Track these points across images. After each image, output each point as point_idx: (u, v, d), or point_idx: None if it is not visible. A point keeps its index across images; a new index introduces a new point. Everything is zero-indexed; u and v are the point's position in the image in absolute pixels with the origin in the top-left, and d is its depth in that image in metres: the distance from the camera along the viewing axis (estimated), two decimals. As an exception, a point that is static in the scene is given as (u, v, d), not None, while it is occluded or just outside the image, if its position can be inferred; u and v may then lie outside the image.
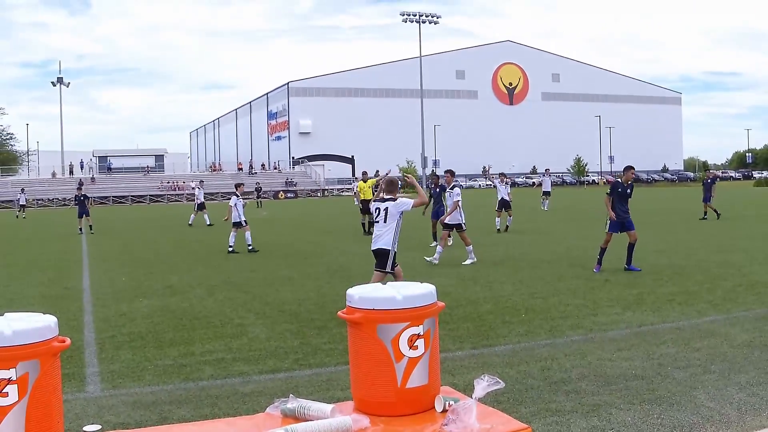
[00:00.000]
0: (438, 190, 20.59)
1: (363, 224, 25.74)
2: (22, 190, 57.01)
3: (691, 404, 5.97)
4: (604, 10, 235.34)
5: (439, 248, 16.50)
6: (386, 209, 10.10)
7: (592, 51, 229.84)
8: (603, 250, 14.36)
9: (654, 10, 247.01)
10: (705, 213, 28.60)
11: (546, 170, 40.61)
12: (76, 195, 32.60)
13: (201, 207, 34.21)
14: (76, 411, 6.28)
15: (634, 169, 14.85)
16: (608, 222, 14.42)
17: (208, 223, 32.87)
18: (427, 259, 16.40)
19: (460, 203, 16.32)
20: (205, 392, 6.76)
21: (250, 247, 20.00)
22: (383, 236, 10.20)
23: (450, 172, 17.73)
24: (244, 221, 20.36)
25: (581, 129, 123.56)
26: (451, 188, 16.82)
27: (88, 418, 6.07)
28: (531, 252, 17.83)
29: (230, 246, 19.98)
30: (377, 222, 10.29)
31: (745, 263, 14.51)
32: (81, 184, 34.31)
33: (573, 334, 8.73)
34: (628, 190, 14.46)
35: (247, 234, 20.24)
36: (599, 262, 14.27)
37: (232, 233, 20.32)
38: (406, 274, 14.43)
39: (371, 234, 23.15)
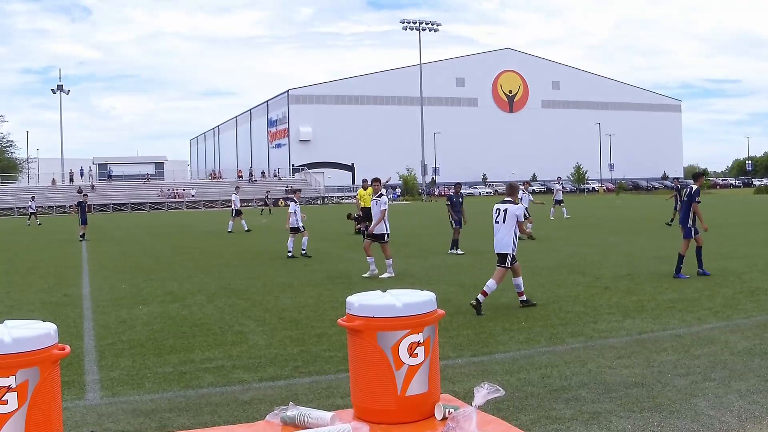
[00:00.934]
0: (458, 198, 20.85)
1: (363, 232, 25.58)
2: (33, 197, 56.70)
3: (691, 412, 5.96)
4: (604, 17, 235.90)
5: (370, 259, 15.65)
6: (506, 210, 11.02)
7: (592, 59, 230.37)
8: (682, 257, 14.22)
9: (654, 18, 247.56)
10: (672, 219, 29.67)
11: (558, 178, 39.92)
12: (79, 201, 32.28)
13: (238, 213, 34.14)
14: (76, 419, 6.28)
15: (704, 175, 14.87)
16: (692, 228, 14.16)
17: (246, 228, 32.91)
18: (366, 275, 15.49)
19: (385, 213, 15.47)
20: (204, 400, 6.76)
21: (304, 252, 20.42)
22: (503, 238, 11.04)
23: (377, 180, 16.46)
24: (302, 227, 20.80)
25: (581, 136, 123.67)
26: (378, 196, 15.78)
27: (87, 426, 6.07)
28: (531, 259, 17.81)
29: (289, 251, 20.33)
30: (497, 222, 11.13)
31: (745, 270, 14.51)
32: (81, 191, 34.44)
33: (573, 342, 8.72)
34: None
35: (305, 239, 20.71)
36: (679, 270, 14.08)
37: (290, 238, 20.68)
38: (404, 282, 14.45)
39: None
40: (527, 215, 25.25)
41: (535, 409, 6.15)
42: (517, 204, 11.22)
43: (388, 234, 15.54)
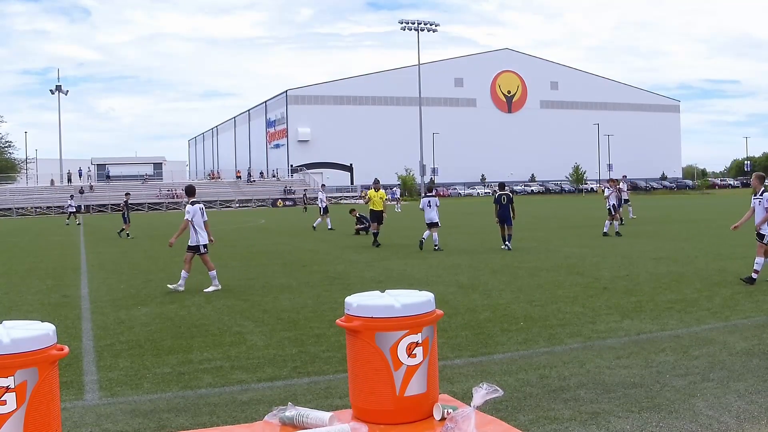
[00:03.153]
0: (501, 195, 21.45)
1: (374, 234, 23.78)
2: (72, 196, 56.32)
3: (689, 412, 5.97)
4: (603, 19, 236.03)
5: (184, 273, 14.30)
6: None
7: (592, 60, 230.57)
8: None
9: (653, 20, 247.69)
10: (621, 219, 30.36)
11: (623, 176, 38.17)
12: (125, 201, 34.47)
13: (325, 211, 34.08)
14: (75, 419, 6.28)
15: None
16: None
17: (330, 227, 32.83)
18: (170, 286, 14.33)
19: (193, 223, 14.21)
20: (203, 400, 6.76)
21: (436, 246, 21.22)
22: (759, 219, 13.03)
23: (189, 188, 15.11)
24: (437, 222, 21.63)
25: (579, 137, 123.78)
26: (191, 204, 14.39)
27: (86, 426, 6.07)
28: (529, 260, 17.83)
29: (435, 244, 21.33)
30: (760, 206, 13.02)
31: (744, 271, 14.51)
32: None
33: (571, 342, 8.73)
34: None
35: (435, 235, 21.46)
36: None
37: (434, 233, 21.59)
38: (403, 282, 14.45)
39: (379, 245, 22.40)
40: (613, 212, 25.46)
41: (533, 410, 6.15)
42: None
43: (203, 245, 14.28)
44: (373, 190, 24.51)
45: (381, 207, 23.90)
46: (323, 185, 39.21)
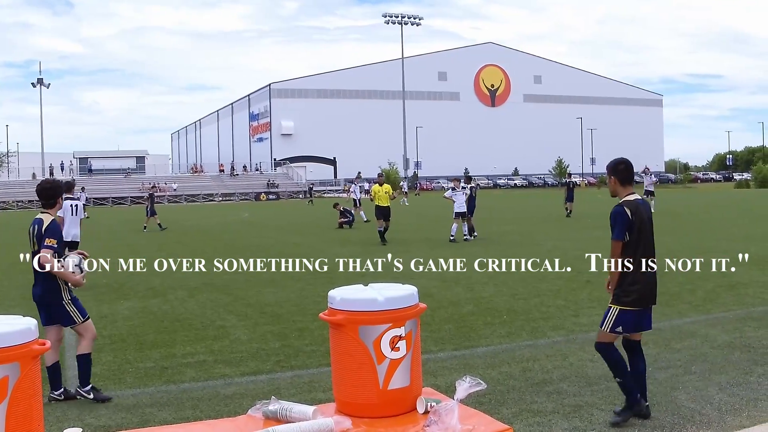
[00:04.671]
0: (471, 188, 23.09)
1: (379, 231, 22.30)
2: (83, 188, 55.65)
3: (671, 405, 6.01)
4: (589, 13, 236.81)
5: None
6: None
7: (577, 54, 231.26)
8: None
9: (639, 14, 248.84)
10: (569, 211, 32.19)
11: (645, 168, 36.70)
12: (149, 194, 33.86)
13: (358, 203, 33.80)
14: (57, 414, 6.25)
15: None
16: None
17: (366, 219, 32.56)
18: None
19: (65, 219, 13.57)
20: (186, 395, 6.74)
21: (467, 237, 21.97)
22: None
23: (66, 184, 14.21)
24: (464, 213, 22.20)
25: (563, 131, 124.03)
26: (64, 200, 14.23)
27: (68, 421, 6.04)
28: (512, 253, 17.85)
29: (452, 236, 21.86)
30: None
31: (726, 265, 14.61)
32: (153, 185, 35.74)
33: (554, 336, 8.76)
34: None
35: (465, 225, 22.15)
36: None
37: (454, 225, 22.12)
38: (386, 276, 14.45)
39: (386, 243, 22.19)
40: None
41: (516, 403, 6.17)
42: None
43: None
44: (377, 185, 23.12)
45: (387, 203, 22.46)
46: (359, 175, 38.74)
